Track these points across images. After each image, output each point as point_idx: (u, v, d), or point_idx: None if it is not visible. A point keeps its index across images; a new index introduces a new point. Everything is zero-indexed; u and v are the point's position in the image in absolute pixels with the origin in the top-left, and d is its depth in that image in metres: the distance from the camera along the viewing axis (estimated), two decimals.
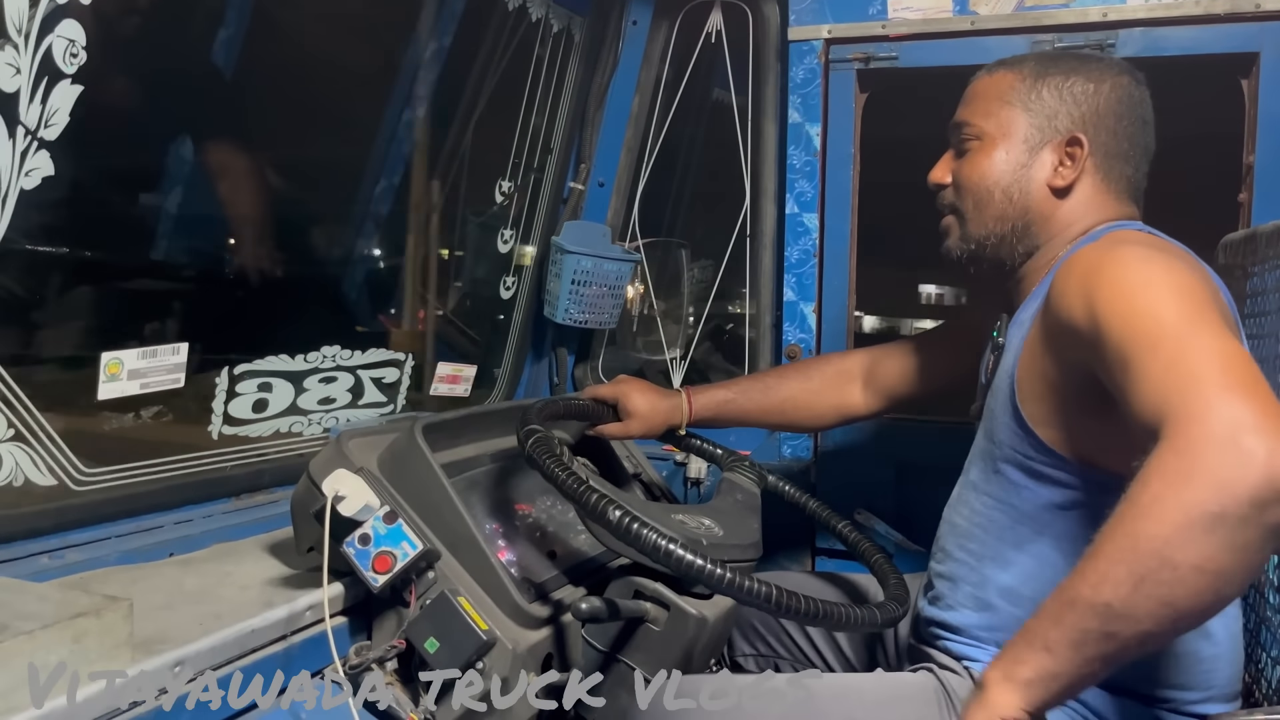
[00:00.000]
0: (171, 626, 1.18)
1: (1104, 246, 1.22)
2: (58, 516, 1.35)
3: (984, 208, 1.39)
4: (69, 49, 1.25)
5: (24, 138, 1.21)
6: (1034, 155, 1.36)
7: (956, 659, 1.38)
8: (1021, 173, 1.37)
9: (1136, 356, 1.00)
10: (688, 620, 1.34)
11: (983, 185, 1.38)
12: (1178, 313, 1.02)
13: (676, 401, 1.77)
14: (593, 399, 1.76)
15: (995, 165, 1.37)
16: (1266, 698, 1.33)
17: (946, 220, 1.45)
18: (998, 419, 1.32)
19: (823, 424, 1.90)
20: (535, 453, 1.30)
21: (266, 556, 1.50)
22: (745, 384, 1.82)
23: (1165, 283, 1.07)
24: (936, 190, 1.45)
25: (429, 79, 2.18)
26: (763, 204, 2.22)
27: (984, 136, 1.39)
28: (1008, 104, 1.38)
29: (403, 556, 1.31)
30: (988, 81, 1.41)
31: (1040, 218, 1.37)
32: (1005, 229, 1.38)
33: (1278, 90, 1.79)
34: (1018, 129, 1.37)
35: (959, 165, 1.42)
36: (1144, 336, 1.01)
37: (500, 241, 2.25)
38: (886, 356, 1.77)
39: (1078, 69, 1.37)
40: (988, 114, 1.39)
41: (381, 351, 1.93)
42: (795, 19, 2.10)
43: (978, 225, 1.40)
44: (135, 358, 1.44)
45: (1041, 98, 1.36)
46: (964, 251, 1.42)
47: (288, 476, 1.67)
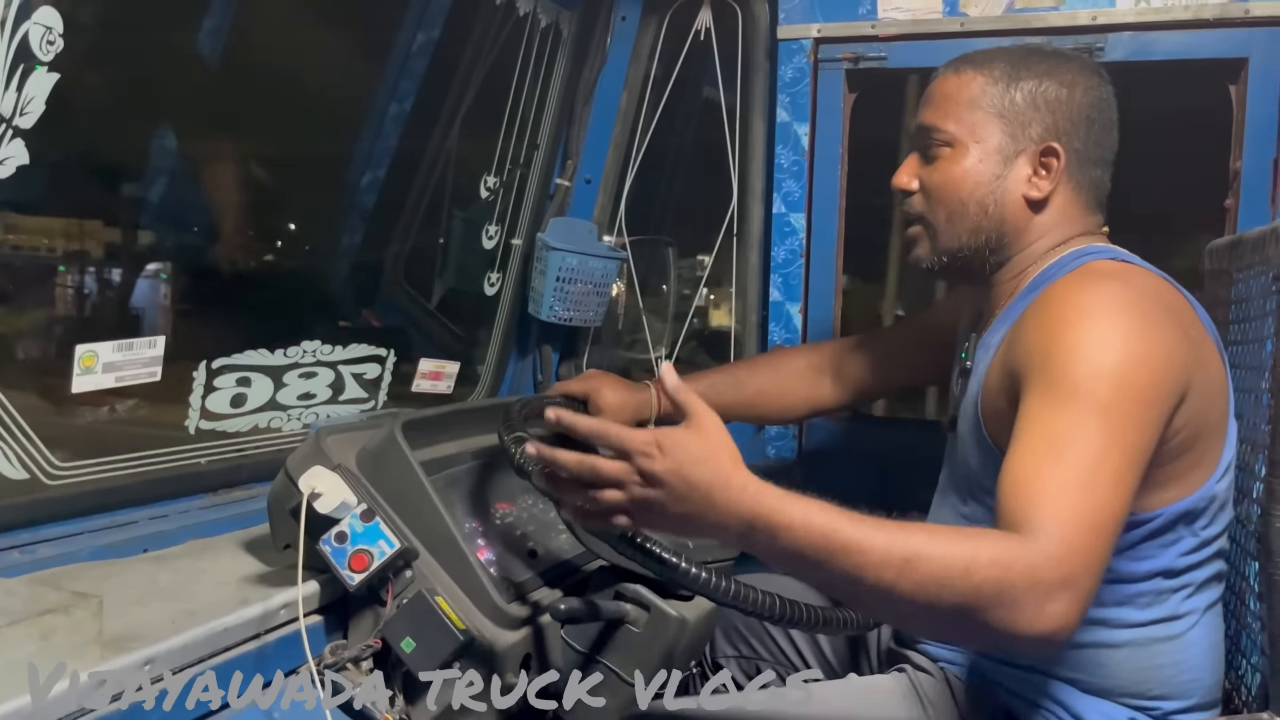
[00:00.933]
0: (143, 623, 1.16)
1: (1075, 291, 1.19)
2: (30, 511, 1.34)
3: (958, 220, 1.33)
4: (46, 36, 1.23)
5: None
6: (1008, 165, 1.30)
7: (933, 660, 1.38)
8: (997, 184, 1.31)
9: (1039, 438, 1.07)
10: (668, 622, 1.33)
11: (956, 196, 1.32)
12: (1101, 425, 1.06)
13: (646, 396, 1.76)
14: (563, 395, 1.74)
15: (969, 175, 1.31)
16: (1246, 704, 1.33)
17: (914, 230, 1.38)
18: (968, 445, 1.32)
19: (794, 416, 1.91)
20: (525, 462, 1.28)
21: (242, 553, 1.48)
22: (715, 377, 1.81)
23: (1113, 363, 1.09)
24: (902, 197, 1.38)
25: (415, 72, 2.16)
26: (750, 203, 2.21)
27: (955, 143, 1.32)
28: (979, 109, 1.31)
29: (380, 555, 1.30)
30: (955, 82, 1.33)
31: (1014, 230, 1.32)
32: (979, 241, 1.33)
33: (1265, 96, 1.79)
34: (991, 137, 1.30)
35: (928, 172, 1.35)
36: (1057, 431, 1.07)
37: (485, 237, 2.23)
38: (855, 350, 1.76)
39: (1050, 71, 1.30)
40: (958, 119, 1.31)
41: (363, 347, 1.91)
42: (785, 17, 2.09)
43: (950, 238, 1.34)
44: (110, 350, 1.42)
45: (1015, 103, 1.30)
46: (934, 264, 1.37)
47: (266, 473, 1.64)
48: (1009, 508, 1.04)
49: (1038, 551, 0.98)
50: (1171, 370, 1.12)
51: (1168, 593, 1.24)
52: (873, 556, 0.98)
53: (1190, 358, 1.16)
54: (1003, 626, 0.98)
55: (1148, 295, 1.17)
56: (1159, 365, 1.11)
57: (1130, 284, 1.19)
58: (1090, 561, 1.00)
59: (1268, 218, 1.77)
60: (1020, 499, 1.03)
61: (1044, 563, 0.98)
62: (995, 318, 1.35)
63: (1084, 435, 1.05)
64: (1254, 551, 1.27)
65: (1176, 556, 1.23)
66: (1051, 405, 1.09)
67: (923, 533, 1.01)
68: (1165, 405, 1.12)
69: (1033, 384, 1.13)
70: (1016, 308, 1.30)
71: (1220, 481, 1.23)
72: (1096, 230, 1.34)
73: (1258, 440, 1.27)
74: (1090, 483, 1.03)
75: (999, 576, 0.96)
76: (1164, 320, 1.15)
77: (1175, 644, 1.25)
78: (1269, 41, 1.79)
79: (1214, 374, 1.21)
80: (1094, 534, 1.01)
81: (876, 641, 1.61)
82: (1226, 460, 1.24)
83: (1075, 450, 1.05)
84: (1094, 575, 1.01)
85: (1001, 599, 0.97)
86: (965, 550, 0.98)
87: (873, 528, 1.00)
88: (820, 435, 2.14)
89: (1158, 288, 1.21)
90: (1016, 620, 0.97)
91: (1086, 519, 1.01)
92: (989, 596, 0.97)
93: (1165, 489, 1.19)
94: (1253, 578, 1.31)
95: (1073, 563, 0.98)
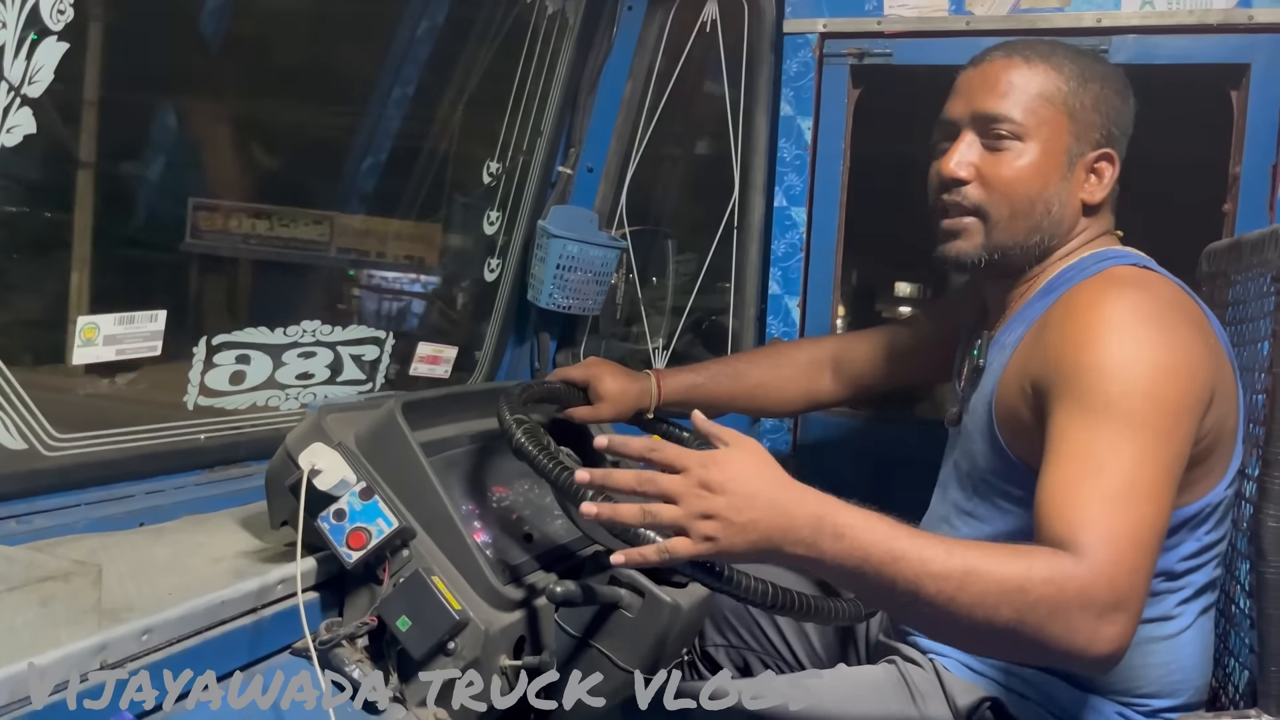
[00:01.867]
0: (140, 595, 1.16)
1: (1101, 299, 1.18)
2: (27, 481, 1.33)
3: (1021, 217, 1.29)
4: (56, 5, 1.22)
5: (7, 93, 1.19)
6: (1073, 167, 1.29)
7: (922, 652, 1.39)
8: (1062, 185, 1.28)
9: (1076, 458, 1.08)
10: (662, 608, 1.34)
11: (1025, 193, 1.27)
12: (1137, 441, 1.06)
13: (646, 385, 1.76)
14: (563, 381, 1.74)
15: (1040, 172, 1.27)
16: (1233, 701, 1.34)
17: (966, 221, 1.31)
18: (976, 442, 1.32)
19: (791, 410, 1.91)
20: (523, 443, 1.28)
21: (239, 529, 1.48)
22: (715, 368, 1.81)
23: (1145, 378, 1.09)
24: (952, 185, 1.31)
25: (420, 56, 2.15)
26: (751, 196, 2.22)
27: (1026, 137, 1.27)
28: (1052, 104, 1.27)
29: (377, 533, 1.30)
30: (1026, 73, 1.28)
31: (1065, 232, 1.31)
32: (1033, 241, 1.30)
33: (1266, 102, 1.80)
34: (1061, 135, 1.27)
35: (991, 163, 1.29)
36: (1094, 450, 1.07)
37: (486, 223, 2.23)
38: (856, 345, 1.76)
39: (1108, 78, 1.30)
40: (1031, 111, 1.27)
41: (362, 329, 1.91)
42: (791, 11, 2.10)
43: (1008, 234, 1.29)
44: (112, 323, 1.42)
45: (1085, 105, 1.27)
46: (982, 259, 1.31)
47: (263, 450, 1.64)
48: (1054, 528, 1.04)
49: (1088, 571, 0.99)
50: (1198, 379, 1.13)
51: (1165, 594, 1.25)
52: (934, 566, 0.98)
53: (1213, 366, 1.16)
54: (1057, 644, 0.99)
55: (1171, 304, 1.18)
56: (1187, 376, 1.12)
57: (1153, 293, 1.19)
58: (1138, 580, 1.01)
59: (1265, 222, 1.79)
60: (1064, 519, 1.04)
61: (1095, 583, 0.99)
62: (1010, 316, 1.35)
63: (1121, 453, 1.06)
64: (1245, 550, 1.29)
65: (1177, 560, 1.24)
66: (1085, 423, 1.09)
67: (976, 548, 1.02)
68: (1195, 415, 1.13)
69: (1063, 400, 1.13)
70: (1034, 307, 1.30)
71: (1229, 488, 1.24)
72: (1110, 230, 1.35)
73: (1251, 440, 1.28)
74: (1132, 500, 1.04)
75: (1053, 595, 0.98)
76: (1187, 329, 1.15)
77: (1169, 644, 1.26)
78: (1271, 48, 1.80)
79: (1229, 380, 1.22)
80: (1139, 550, 1.02)
81: (865, 633, 1.62)
82: (1234, 466, 1.24)
83: (1113, 468, 1.05)
84: (1143, 592, 1.02)
85: (1055, 617, 0.98)
86: (1020, 567, 0.99)
87: (925, 538, 1.01)
88: (815, 431, 2.15)
89: (1178, 296, 1.21)
90: (1073, 639, 0.98)
91: (1130, 536, 1.02)
92: (1043, 614, 0.98)
93: (1178, 494, 1.19)
94: (1244, 576, 1.32)
95: (1123, 582, 1.00)
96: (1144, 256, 1.30)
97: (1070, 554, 1.00)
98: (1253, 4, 1.80)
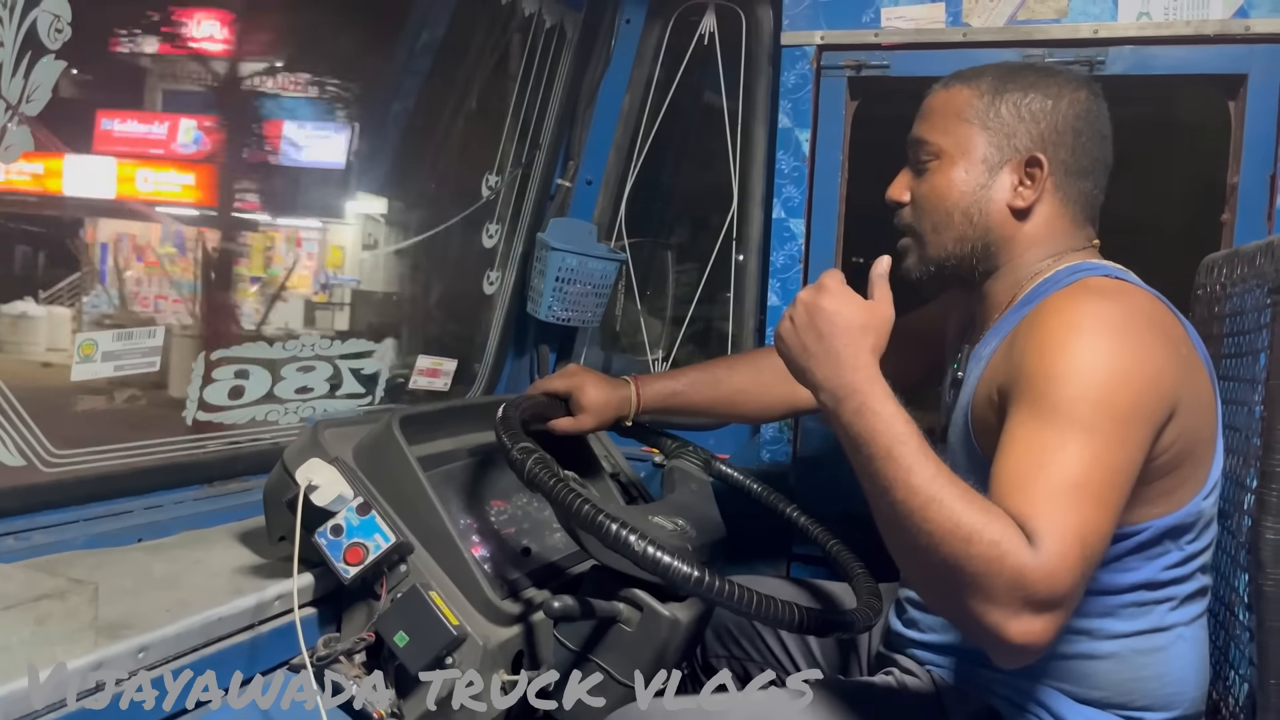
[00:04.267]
0: (137, 612, 1.16)
1: (1066, 307, 1.19)
2: (25, 497, 1.34)
3: (943, 229, 1.34)
4: (54, 24, 1.23)
5: (4, 112, 1.20)
6: (993, 175, 1.32)
7: (920, 664, 1.39)
8: (981, 193, 1.32)
9: (1023, 455, 1.08)
10: (661, 622, 1.33)
11: (942, 206, 1.34)
12: (1083, 443, 1.07)
13: (626, 392, 1.75)
14: (545, 393, 1.73)
15: (954, 185, 1.33)
16: (1234, 714, 1.33)
17: (904, 242, 1.40)
18: (958, 454, 1.32)
19: (771, 416, 1.92)
20: (537, 476, 1.25)
21: (237, 545, 1.48)
22: (695, 375, 1.80)
23: (1098, 384, 1.10)
24: (895, 208, 1.41)
25: (419, 70, 2.16)
26: (750, 208, 2.22)
27: (942, 155, 1.34)
28: (965, 121, 1.33)
29: (375, 549, 1.30)
30: (944, 97, 1.36)
31: (1001, 240, 1.33)
32: (965, 250, 1.34)
33: (1264, 112, 1.80)
34: (976, 147, 1.32)
35: (917, 184, 1.37)
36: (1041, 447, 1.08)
37: (485, 236, 2.24)
38: None
39: (1035, 84, 1.32)
40: (945, 131, 1.34)
41: (361, 342, 1.92)
42: (789, 24, 2.10)
43: (936, 248, 1.36)
44: (110, 339, 1.42)
45: (1000, 115, 1.31)
46: (923, 274, 1.38)
47: (262, 465, 1.64)
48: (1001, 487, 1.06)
49: (1031, 557, 0.98)
50: (1158, 388, 1.12)
51: (1151, 604, 1.25)
52: (913, 479, 1.03)
53: (1180, 375, 1.16)
54: (973, 611, 1.00)
55: (1138, 313, 1.18)
56: (1144, 383, 1.11)
57: (1121, 302, 1.19)
58: (1075, 582, 1.01)
59: (1263, 233, 1.79)
60: (1012, 509, 1.03)
61: (1034, 570, 0.98)
62: (988, 329, 1.35)
63: (1068, 452, 1.06)
64: (1244, 563, 1.28)
65: (1160, 570, 1.24)
66: (1036, 424, 1.09)
67: (957, 486, 1.03)
68: (1151, 423, 1.12)
69: (1019, 402, 1.13)
70: (1010, 320, 1.31)
71: (1208, 499, 1.24)
72: (1088, 243, 1.35)
73: (1250, 453, 1.28)
74: (1078, 500, 1.04)
75: (991, 559, 0.98)
76: (1153, 339, 1.15)
77: (1160, 656, 1.26)
78: (1268, 58, 1.80)
79: (1204, 392, 1.22)
80: (1083, 551, 1.01)
81: (867, 645, 1.61)
82: (1214, 478, 1.24)
83: (1059, 466, 1.05)
84: (1076, 598, 1.02)
85: (981, 581, 0.98)
86: (979, 520, 1.00)
87: (927, 455, 1.05)
88: (815, 441, 2.15)
89: (1149, 305, 1.21)
90: (988, 614, 0.99)
91: (1076, 534, 1.01)
92: (974, 573, 0.98)
93: (1153, 504, 1.19)
94: (1242, 589, 1.31)
95: (1061, 580, 0.99)
96: (1120, 269, 1.30)
97: (1022, 535, 1.01)
98: (1249, 14, 1.80)
